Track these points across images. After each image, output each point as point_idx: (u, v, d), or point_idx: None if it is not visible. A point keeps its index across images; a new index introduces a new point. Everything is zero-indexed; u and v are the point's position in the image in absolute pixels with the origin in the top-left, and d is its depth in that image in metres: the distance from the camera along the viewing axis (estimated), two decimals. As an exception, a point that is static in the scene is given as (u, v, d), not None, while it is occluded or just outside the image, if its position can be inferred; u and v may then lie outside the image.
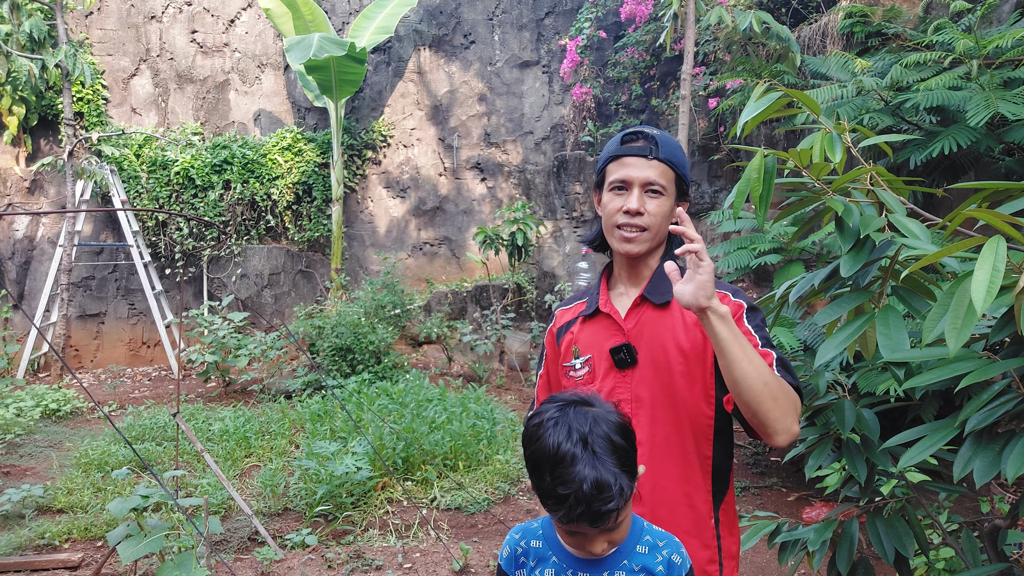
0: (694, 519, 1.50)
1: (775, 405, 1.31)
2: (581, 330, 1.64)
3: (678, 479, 1.50)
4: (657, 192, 1.52)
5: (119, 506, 3.03)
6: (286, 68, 9.26)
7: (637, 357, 1.53)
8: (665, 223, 1.55)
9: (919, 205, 4.63)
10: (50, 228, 8.52)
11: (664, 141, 1.56)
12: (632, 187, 1.53)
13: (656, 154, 1.53)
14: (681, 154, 1.58)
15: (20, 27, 7.09)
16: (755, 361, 1.31)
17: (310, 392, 6.84)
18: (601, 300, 1.64)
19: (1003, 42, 4.06)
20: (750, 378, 1.30)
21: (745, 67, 6.49)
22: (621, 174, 1.54)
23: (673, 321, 1.53)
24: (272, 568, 3.60)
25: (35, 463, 5.19)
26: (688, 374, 1.49)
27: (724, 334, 1.30)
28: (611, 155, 1.58)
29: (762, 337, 1.47)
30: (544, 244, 8.89)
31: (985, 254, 1.25)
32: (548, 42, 9.42)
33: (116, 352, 8.72)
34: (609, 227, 1.58)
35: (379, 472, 4.52)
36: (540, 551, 1.28)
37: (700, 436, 1.50)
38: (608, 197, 1.57)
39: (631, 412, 1.50)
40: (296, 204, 9.10)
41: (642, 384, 1.52)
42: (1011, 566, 1.59)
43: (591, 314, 1.64)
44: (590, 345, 1.61)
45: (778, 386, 1.33)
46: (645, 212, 1.52)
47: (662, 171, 1.53)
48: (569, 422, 1.15)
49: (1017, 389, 1.42)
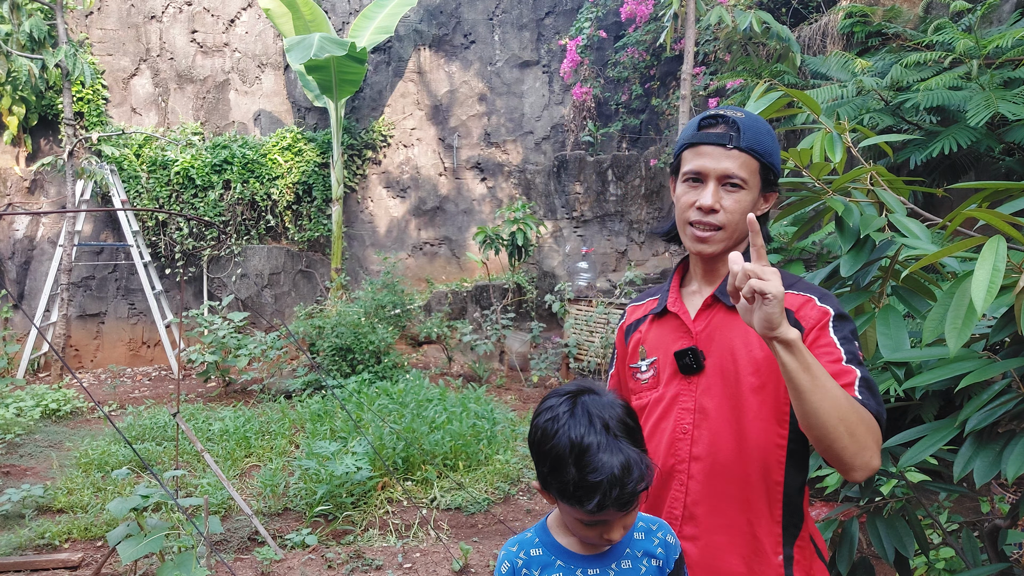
0: (754, 551, 1.33)
1: (852, 441, 1.14)
2: (649, 329, 1.51)
3: (739, 504, 1.34)
4: (737, 185, 1.34)
5: (119, 506, 3.03)
6: (286, 68, 9.26)
7: (704, 363, 1.38)
8: (745, 220, 1.36)
9: (919, 205, 4.63)
10: (50, 228, 8.52)
11: (748, 125, 1.35)
12: (707, 180, 1.35)
13: (737, 142, 1.33)
14: (769, 139, 1.38)
15: (20, 27, 7.09)
16: (830, 391, 1.13)
17: (310, 392, 6.84)
18: (670, 298, 1.49)
19: (1003, 42, 4.06)
20: (822, 412, 1.13)
21: (745, 67, 6.49)
22: (695, 165, 1.36)
23: (747, 325, 1.34)
24: (272, 568, 3.60)
25: (35, 463, 5.19)
26: (760, 387, 1.33)
27: (791, 364, 1.13)
28: (687, 142, 1.40)
29: (848, 351, 1.27)
30: (544, 244, 8.89)
31: (985, 254, 1.25)
32: (548, 42, 9.42)
33: (116, 352, 8.72)
34: (681, 223, 1.42)
35: (379, 472, 4.52)
36: (541, 558, 1.25)
37: (770, 459, 1.33)
38: (682, 189, 1.41)
39: (693, 423, 1.37)
40: (296, 204, 9.10)
41: (708, 394, 1.37)
42: (1011, 566, 1.59)
43: (660, 313, 1.50)
44: (656, 347, 1.47)
45: (856, 418, 1.15)
46: (721, 209, 1.34)
47: (743, 162, 1.34)
48: (587, 411, 1.13)
49: (1017, 389, 1.42)
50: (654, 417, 1.42)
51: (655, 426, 1.43)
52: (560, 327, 8.35)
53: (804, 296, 1.36)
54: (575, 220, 8.77)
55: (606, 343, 7.13)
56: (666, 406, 1.41)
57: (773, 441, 1.33)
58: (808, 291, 1.36)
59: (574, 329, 7.76)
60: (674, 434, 1.39)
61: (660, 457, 1.40)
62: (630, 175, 8.60)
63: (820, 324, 1.31)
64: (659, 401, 1.42)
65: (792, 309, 1.33)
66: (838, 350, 1.27)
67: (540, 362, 7.74)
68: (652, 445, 1.42)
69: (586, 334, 7.60)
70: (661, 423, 1.41)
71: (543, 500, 4.61)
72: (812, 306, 1.33)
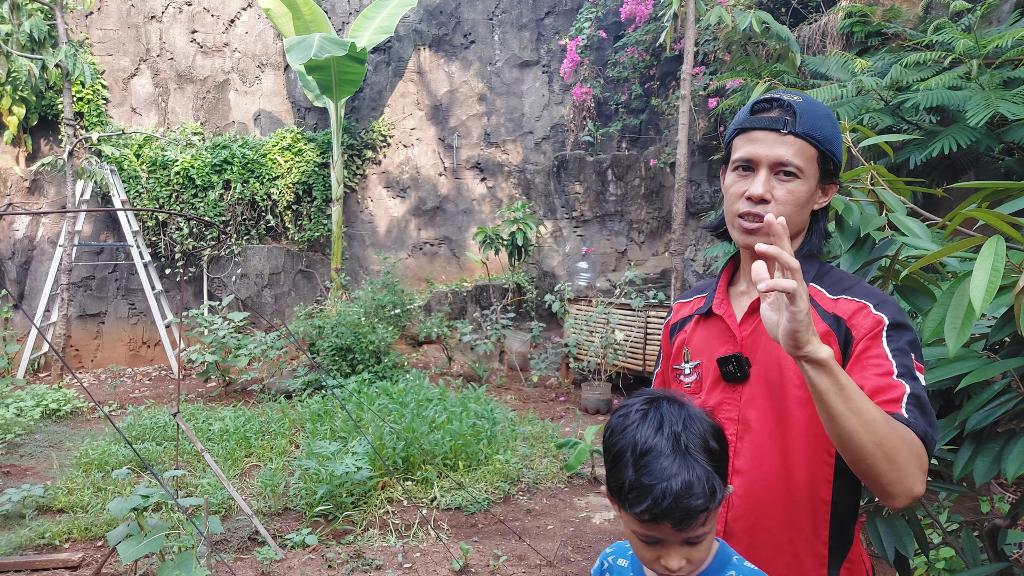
0: (795, 571, 1.27)
1: (891, 467, 1.06)
2: (695, 330, 1.43)
3: (782, 522, 1.26)
4: (791, 174, 1.25)
5: (119, 506, 3.03)
6: (286, 68, 9.26)
7: (749, 371, 1.30)
8: (800, 212, 1.28)
9: (919, 205, 4.63)
10: (50, 228, 8.52)
11: (806, 110, 1.26)
12: (759, 168, 1.26)
13: (792, 127, 1.24)
14: (828, 124, 1.28)
15: (20, 27, 7.09)
16: (866, 413, 1.04)
17: (310, 392, 6.84)
18: (716, 299, 1.40)
19: (1003, 42, 4.06)
20: (857, 437, 1.04)
21: (745, 67, 6.50)
22: (746, 151, 1.27)
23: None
24: (272, 568, 3.60)
25: (35, 463, 5.19)
26: (807, 400, 1.23)
27: (822, 385, 1.03)
28: (738, 127, 1.31)
29: (901, 364, 1.16)
30: (544, 244, 8.89)
31: (984, 254, 1.25)
32: (548, 42, 9.42)
33: (116, 352, 8.72)
34: (730, 215, 1.32)
35: (379, 472, 4.52)
36: (623, 570, 1.21)
37: (817, 476, 1.25)
38: (731, 178, 1.31)
39: (736, 435, 1.31)
40: (296, 204, 9.11)
41: (752, 404, 1.29)
42: (1011, 566, 1.60)
43: (706, 313, 1.41)
44: (701, 350, 1.39)
45: (898, 442, 1.06)
46: (772, 199, 1.25)
47: (799, 148, 1.24)
48: (661, 415, 1.06)
49: (1017, 389, 1.42)
50: None
51: None
52: (560, 327, 8.35)
53: (858, 303, 1.25)
54: (575, 220, 8.77)
55: (606, 343, 7.14)
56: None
57: (820, 458, 1.25)
58: (864, 296, 1.25)
59: (574, 329, 7.76)
60: None
61: None
62: (630, 175, 8.60)
63: (872, 333, 1.20)
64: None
65: (844, 317, 1.24)
66: (889, 362, 1.17)
67: (540, 362, 7.75)
68: None
69: (586, 334, 7.60)
70: None
71: (543, 500, 4.60)
72: (866, 313, 1.23)
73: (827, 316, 1.25)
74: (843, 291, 1.28)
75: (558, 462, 5.14)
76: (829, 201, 1.34)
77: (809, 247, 1.34)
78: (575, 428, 6.15)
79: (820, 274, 1.33)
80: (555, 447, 5.12)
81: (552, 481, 4.88)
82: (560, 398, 7.33)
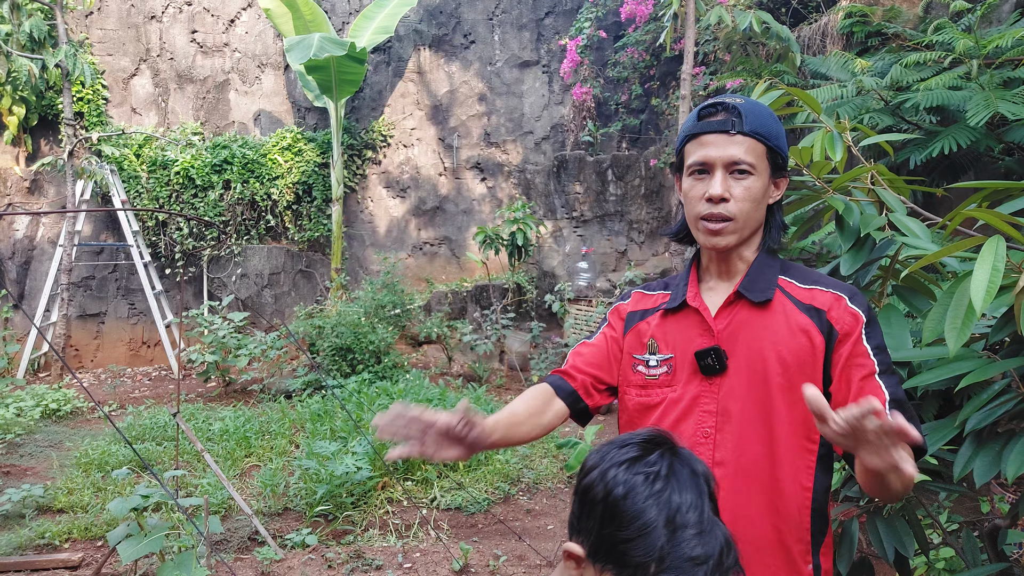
0: (784, 561, 1.27)
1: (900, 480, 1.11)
2: (662, 324, 1.43)
3: (767, 511, 1.27)
4: (745, 172, 1.29)
5: (119, 506, 3.03)
6: (286, 68, 9.26)
7: (727, 363, 1.32)
8: (757, 207, 1.32)
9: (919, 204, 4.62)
10: (50, 228, 8.52)
11: (749, 110, 1.31)
12: (714, 169, 1.30)
13: (740, 127, 1.29)
14: (773, 122, 1.34)
15: (20, 27, 7.09)
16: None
17: (310, 392, 6.84)
18: (690, 293, 1.41)
19: (1003, 42, 4.06)
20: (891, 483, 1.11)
21: (745, 67, 6.50)
22: (700, 155, 1.32)
23: (774, 323, 1.31)
24: (272, 568, 3.60)
25: (35, 463, 5.19)
26: (789, 388, 1.26)
27: (889, 479, 1.10)
28: (687, 133, 1.35)
29: (881, 362, 1.24)
30: (544, 244, 8.89)
31: (984, 254, 1.25)
32: (548, 42, 9.42)
33: (116, 352, 8.72)
34: (692, 218, 1.36)
35: (379, 472, 4.52)
36: None
37: (799, 464, 1.27)
38: (688, 183, 1.35)
39: (715, 426, 1.31)
40: (296, 204, 9.10)
41: (731, 396, 1.31)
42: (1011, 566, 1.59)
43: (676, 308, 1.42)
44: (673, 344, 1.39)
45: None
46: (731, 198, 1.29)
47: (749, 146, 1.29)
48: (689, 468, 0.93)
49: (1017, 389, 1.42)
50: (670, 419, 1.35)
51: (672, 429, 1.34)
52: (560, 327, 8.35)
53: (833, 294, 1.30)
54: (575, 220, 8.77)
55: (606, 343, 7.12)
56: (685, 408, 1.34)
57: (803, 445, 1.28)
58: (835, 288, 1.31)
59: (574, 329, 7.76)
60: (694, 438, 1.32)
61: None
62: (630, 175, 8.60)
63: (855, 334, 1.26)
64: (677, 402, 1.36)
65: (824, 309, 1.29)
66: (871, 361, 1.24)
67: (540, 362, 7.75)
68: None
69: (586, 334, 7.59)
70: (679, 426, 1.34)
71: (543, 500, 4.60)
72: (844, 307, 1.29)
73: (806, 308, 1.30)
74: (813, 282, 1.34)
75: (558, 462, 5.14)
76: (781, 195, 1.39)
77: (769, 242, 1.39)
78: (575, 428, 6.15)
79: (785, 268, 1.38)
80: (555, 447, 5.12)
81: (552, 481, 4.88)
82: (560, 398, 7.32)
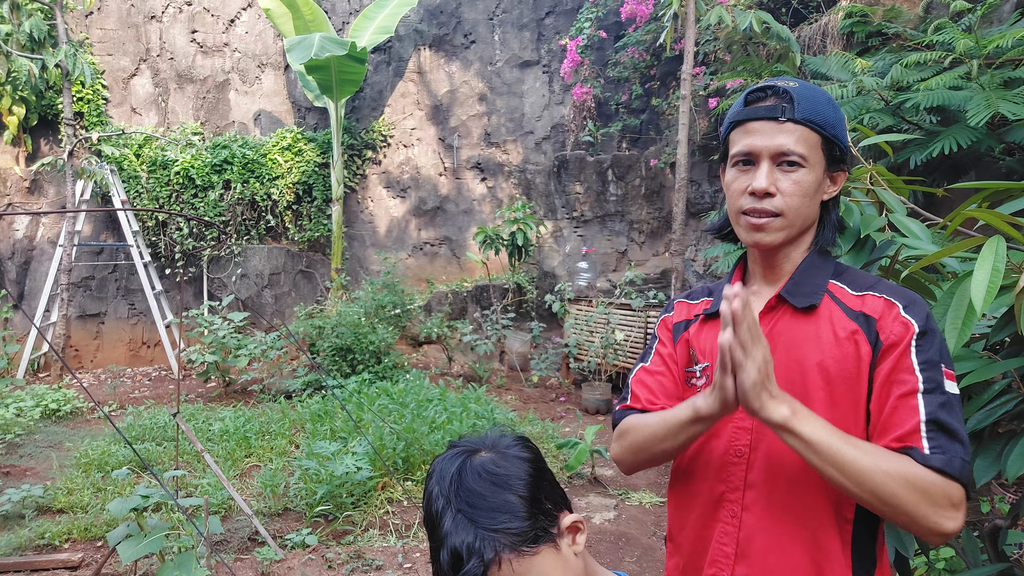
0: None
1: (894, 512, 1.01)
2: (699, 331, 1.33)
3: (803, 542, 1.14)
4: (795, 163, 1.17)
5: (119, 506, 3.03)
6: (286, 68, 9.26)
7: None
8: (808, 203, 1.19)
9: (919, 205, 4.63)
10: (50, 228, 8.52)
11: (804, 95, 1.18)
12: (759, 160, 1.18)
13: (791, 114, 1.16)
14: (829, 109, 1.20)
15: (20, 27, 7.09)
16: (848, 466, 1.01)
17: (310, 392, 6.84)
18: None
19: (1003, 42, 4.06)
20: (846, 488, 1.03)
21: (745, 67, 6.50)
22: (745, 144, 1.19)
23: (817, 331, 1.17)
24: (272, 568, 3.60)
25: (35, 463, 5.19)
26: (831, 403, 1.13)
27: (792, 444, 1.03)
28: (733, 120, 1.23)
29: (928, 379, 1.08)
30: (544, 244, 8.89)
31: (985, 254, 1.25)
32: (548, 42, 9.42)
33: (116, 352, 8.72)
34: (734, 213, 1.23)
35: (379, 472, 4.52)
36: None
37: (839, 491, 1.12)
38: (732, 174, 1.23)
39: (750, 445, 1.19)
40: (296, 204, 9.10)
41: None
42: (1011, 566, 1.59)
43: (714, 313, 1.31)
44: (709, 351, 1.29)
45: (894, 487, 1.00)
46: (777, 192, 1.17)
47: (800, 135, 1.16)
48: (433, 477, 0.98)
49: (1017, 389, 1.42)
50: (702, 435, 1.23)
51: (703, 445, 1.24)
52: (560, 327, 8.35)
53: (887, 300, 1.16)
54: (575, 220, 8.77)
55: (606, 343, 7.13)
56: (718, 423, 1.19)
57: None
58: (892, 294, 1.16)
59: (574, 329, 7.76)
60: (726, 456, 1.21)
61: (708, 482, 1.23)
62: (630, 175, 8.59)
63: (902, 345, 1.11)
64: None
65: (875, 316, 1.15)
66: (915, 378, 1.08)
67: (540, 362, 7.74)
68: (698, 467, 1.25)
69: (586, 334, 7.60)
70: (711, 442, 1.23)
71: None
72: (896, 315, 1.13)
73: (855, 315, 1.17)
74: (868, 288, 1.19)
75: (558, 462, 5.14)
76: (839, 190, 1.25)
77: (823, 241, 1.25)
78: (575, 428, 6.14)
79: (839, 271, 1.24)
80: (555, 447, 5.11)
81: (552, 481, 4.87)
82: (560, 398, 7.33)
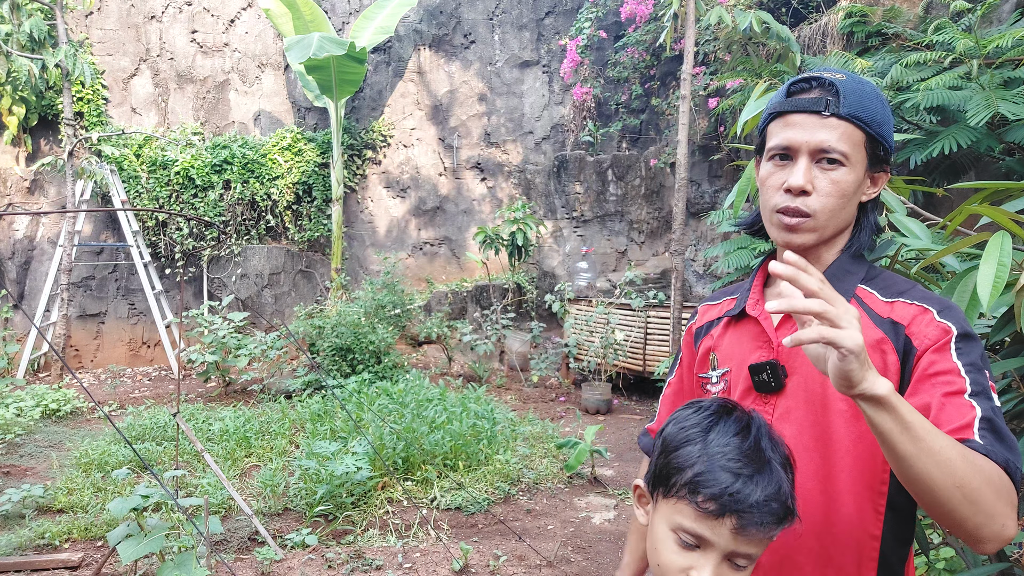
0: None
1: (975, 510, 0.90)
2: (724, 334, 1.27)
3: (817, 559, 1.10)
4: (835, 161, 1.09)
5: (119, 506, 3.03)
6: (286, 68, 9.26)
7: (784, 381, 1.14)
8: (845, 205, 1.11)
9: (919, 205, 4.63)
10: (50, 228, 8.52)
11: (851, 89, 1.10)
12: (798, 156, 1.11)
13: (835, 108, 1.08)
14: (878, 104, 1.11)
15: (20, 27, 7.09)
16: (939, 454, 0.88)
17: (310, 392, 6.84)
18: (751, 300, 1.24)
19: (1003, 42, 4.06)
20: (931, 480, 0.89)
21: (745, 67, 6.50)
22: (783, 137, 1.11)
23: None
24: (272, 568, 3.60)
25: (35, 463, 5.19)
26: (854, 416, 1.08)
27: (884, 425, 0.88)
28: (773, 111, 1.15)
29: (975, 382, 1.00)
30: (544, 244, 8.89)
31: (991, 249, 1.25)
32: (548, 42, 9.42)
33: (116, 352, 8.72)
34: (767, 210, 1.16)
35: (379, 472, 4.51)
36: None
37: (865, 506, 1.08)
38: (767, 169, 1.15)
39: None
40: (296, 204, 9.10)
41: (787, 418, 1.13)
42: (1011, 566, 1.59)
43: (738, 315, 1.25)
44: (730, 355, 1.23)
45: (979, 482, 0.90)
46: (813, 191, 1.10)
47: (844, 132, 1.08)
48: (748, 420, 0.97)
49: (1017, 389, 1.42)
50: None
51: None
52: (560, 327, 8.35)
53: (918, 306, 1.09)
54: (575, 220, 8.77)
55: (606, 343, 7.13)
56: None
57: (871, 484, 1.08)
58: (925, 300, 1.09)
59: (574, 329, 7.76)
60: None
61: None
62: (630, 175, 8.60)
63: (938, 344, 1.03)
64: None
65: (902, 322, 1.08)
66: (962, 379, 1.00)
67: (540, 362, 7.74)
68: None
69: (586, 334, 7.60)
70: None
71: (543, 500, 4.60)
72: (929, 320, 1.06)
73: (882, 321, 1.10)
74: (898, 294, 1.12)
75: (558, 462, 5.14)
76: (879, 191, 1.18)
77: (858, 244, 1.17)
78: (575, 428, 6.14)
79: (870, 276, 1.17)
80: (555, 447, 5.11)
81: (552, 481, 4.88)
82: (560, 398, 7.33)
